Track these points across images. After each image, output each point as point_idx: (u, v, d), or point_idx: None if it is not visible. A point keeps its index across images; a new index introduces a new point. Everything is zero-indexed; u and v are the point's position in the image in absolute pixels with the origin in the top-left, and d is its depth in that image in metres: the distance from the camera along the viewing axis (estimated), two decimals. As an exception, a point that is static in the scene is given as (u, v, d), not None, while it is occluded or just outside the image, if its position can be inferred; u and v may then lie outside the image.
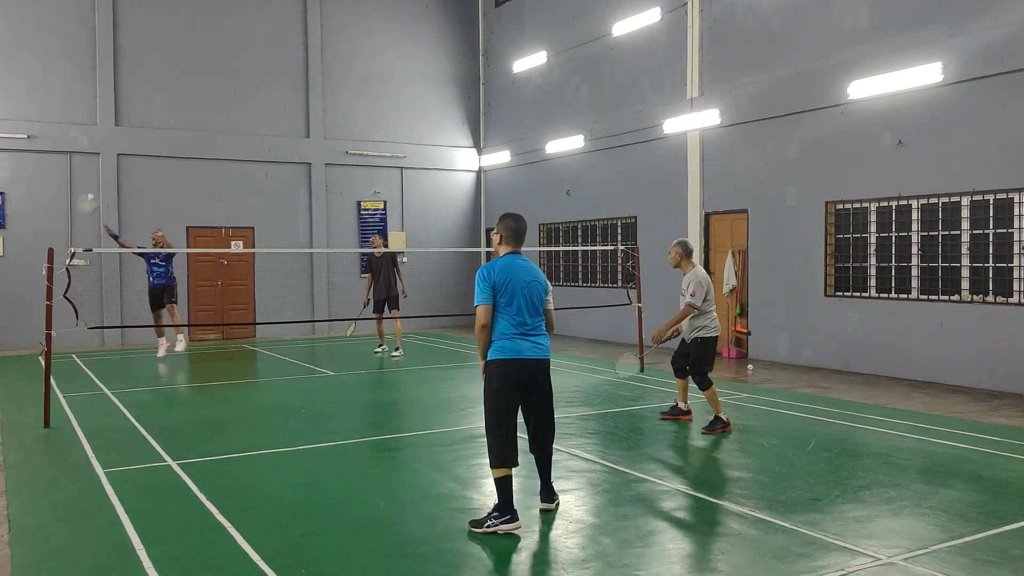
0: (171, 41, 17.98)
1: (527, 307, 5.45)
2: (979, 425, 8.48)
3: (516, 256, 5.58)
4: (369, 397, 11.12)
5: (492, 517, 5.32)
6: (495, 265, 5.47)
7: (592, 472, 6.80)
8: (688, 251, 8.58)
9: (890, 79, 11.41)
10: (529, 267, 5.56)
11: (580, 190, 18.07)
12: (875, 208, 12.01)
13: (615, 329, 16.75)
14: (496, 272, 5.42)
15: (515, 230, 5.62)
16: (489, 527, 5.28)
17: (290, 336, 18.89)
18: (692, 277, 8.36)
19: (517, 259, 5.55)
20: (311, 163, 19.37)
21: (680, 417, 8.89)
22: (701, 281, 8.28)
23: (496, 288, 5.40)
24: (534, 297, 5.49)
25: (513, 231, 5.61)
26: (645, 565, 4.77)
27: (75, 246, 15.41)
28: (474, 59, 21.62)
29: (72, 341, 15.24)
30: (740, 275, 14.12)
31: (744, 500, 5.94)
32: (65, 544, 5.22)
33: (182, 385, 12.13)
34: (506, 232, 5.62)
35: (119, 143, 17.41)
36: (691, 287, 8.25)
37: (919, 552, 4.89)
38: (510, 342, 5.39)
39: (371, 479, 6.84)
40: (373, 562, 4.87)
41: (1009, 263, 10.46)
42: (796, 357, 13.13)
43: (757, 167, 13.78)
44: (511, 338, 5.40)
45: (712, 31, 14.53)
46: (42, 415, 8.95)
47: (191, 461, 7.24)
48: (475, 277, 5.48)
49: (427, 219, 20.91)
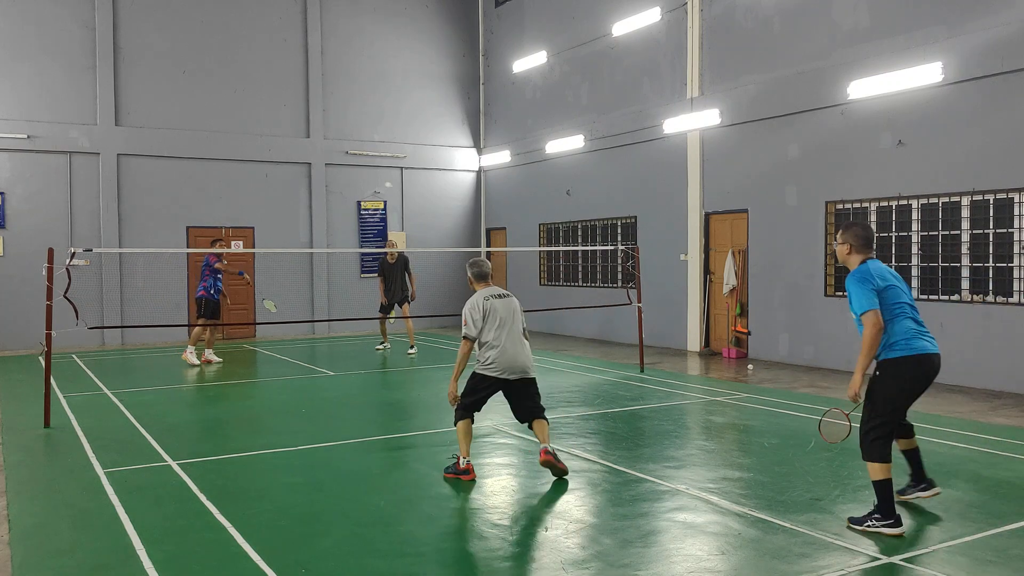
0: (171, 41, 17.98)
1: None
2: (979, 425, 8.48)
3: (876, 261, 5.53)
4: (369, 397, 11.12)
5: (873, 518, 5.24)
6: (868, 270, 5.37)
7: (592, 472, 6.80)
8: (475, 275, 6.97)
9: (890, 79, 11.41)
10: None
11: (580, 190, 18.07)
12: (875, 208, 12.01)
13: (615, 329, 16.75)
14: (874, 276, 5.33)
15: (866, 237, 5.53)
16: (870, 527, 5.21)
17: (290, 336, 18.89)
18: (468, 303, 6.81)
19: (878, 263, 5.51)
20: (311, 163, 19.37)
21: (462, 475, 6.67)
22: (473, 307, 6.70)
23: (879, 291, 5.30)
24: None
25: (864, 239, 5.52)
26: (645, 565, 4.77)
27: (75, 246, 15.42)
28: (474, 59, 21.62)
29: (72, 341, 15.24)
30: (740, 275, 14.12)
31: (744, 500, 5.94)
32: (65, 544, 5.22)
33: (182, 385, 12.13)
34: (855, 241, 5.52)
35: (119, 143, 17.41)
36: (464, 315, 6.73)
37: (919, 552, 4.90)
38: (918, 340, 5.29)
39: (371, 479, 6.84)
40: (373, 562, 4.87)
41: (1009, 263, 10.46)
42: (796, 357, 13.13)
43: (757, 167, 13.78)
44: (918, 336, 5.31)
45: (712, 31, 14.53)
46: (42, 415, 8.95)
47: (191, 461, 7.24)
48: (849, 283, 5.36)
49: (427, 219, 20.91)
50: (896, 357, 5.23)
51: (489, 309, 6.63)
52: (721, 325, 14.71)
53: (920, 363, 5.24)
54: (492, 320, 6.60)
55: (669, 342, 15.62)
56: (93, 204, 17.23)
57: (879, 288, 5.27)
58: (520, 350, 6.62)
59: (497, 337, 6.56)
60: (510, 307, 6.73)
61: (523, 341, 6.69)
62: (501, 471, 6.98)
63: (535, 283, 19.76)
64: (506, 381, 6.63)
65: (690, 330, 15.21)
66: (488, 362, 6.59)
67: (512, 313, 6.70)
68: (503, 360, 6.55)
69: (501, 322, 6.60)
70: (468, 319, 6.62)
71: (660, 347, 15.53)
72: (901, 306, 5.31)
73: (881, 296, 5.27)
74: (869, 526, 5.22)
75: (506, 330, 6.59)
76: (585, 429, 8.50)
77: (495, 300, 6.70)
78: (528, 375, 6.69)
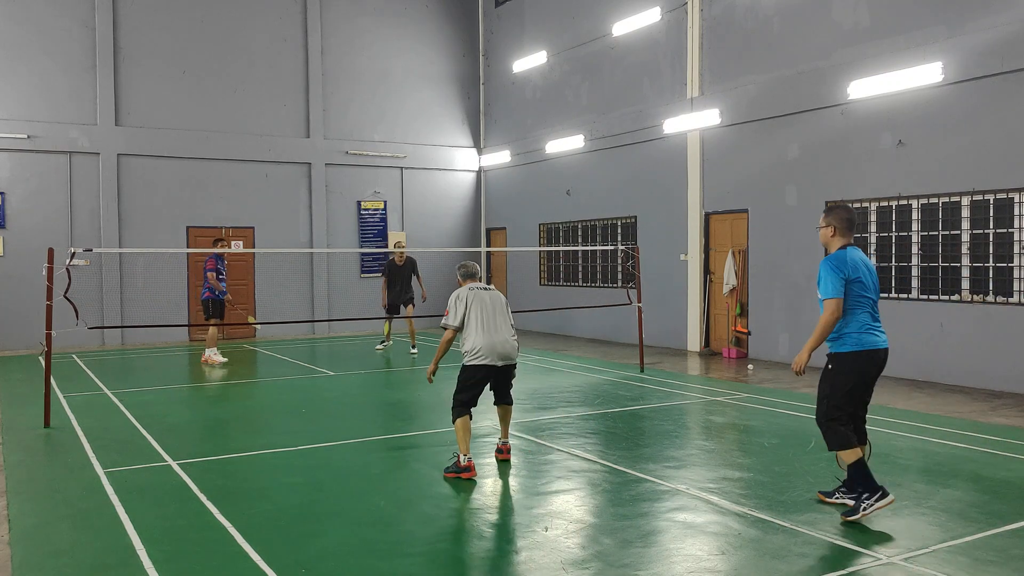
0: (171, 41, 17.98)
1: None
2: (979, 425, 8.48)
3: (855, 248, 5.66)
4: (369, 397, 11.12)
5: (864, 500, 5.35)
6: (845, 258, 5.51)
7: (592, 472, 6.80)
8: (463, 275, 7.29)
9: (890, 79, 11.41)
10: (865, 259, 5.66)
11: (580, 190, 18.07)
12: (875, 208, 12.01)
13: (615, 329, 16.75)
14: (848, 265, 5.47)
15: (850, 220, 5.64)
16: (866, 511, 5.32)
17: (290, 336, 18.89)
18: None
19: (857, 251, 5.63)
20: (311, 163, 19.37)
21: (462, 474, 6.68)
22: (457, 297, 6.98)
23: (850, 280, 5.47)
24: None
25: (848, 221, 5.63)
26: (645, 565, 4.77)
27: (75, 246, 15.41)
28: (474, 59, 21.62)
29: (72, 341, 15.24)
30: (740, 275, 14.12)
31: (744, 500, 5.94)
32: (65, 544, 5.22)
33: (182, 385, 12.13)
34: (840, 224, 5.63)
35: (119, 143, 17.41)
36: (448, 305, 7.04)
37: (919, 552, 4.89)
38: (869, 335, 5.54)
39: (371, 479, 6.84)
40: (373, 562, 4.87)
41: (1009, 263, 10.46)
42: (796, 357, 13.11)
43: (757, 167, 13.78)
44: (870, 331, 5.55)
45: (712, 31, 14.53)
46: (42, 415, 8.95)
47: (191, 461, 7.25)
48: (823, 266, 5.52)
49: (427, 219, 20.91)
50: (845, 352, 5.54)
51: (473, 298, 6.90)
52: (721, 325, 14.71)
53: (868, 358, 5.55)
54: (476, 307, 6.85)
55: (669, 342, 15.61)
56: (93, 204, 17.22)
57: (849, 278, 5.47)
58: (505, 337, 6.82)
59: (480, 323, 6.78)
60: (495, 297, 7.00)
61: (508, 328, 6.90)
62: (501, 471, 6.98)
63: (535, 283, 19.76)
64: (495, 368, 6.80)
65: (690, 330, 15.21)
66: (475, 351, 6.76)
67: (496, 302, 6.96)
68: (487, 345, 6.73)
69: (483, 309, 6.84)
70: (451, 308, 6.91)
71: (660, 347, 15.53)
72: (863, 300, 5.53)
73: (848, 286, 5.47)
74: (865, 511, 5.33)
75: (490, 317, 6.83)
76: (585, 429, 8.50)
77: (480, 291, 6.99)
78: (512, 361, 6.92)
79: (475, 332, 6.78)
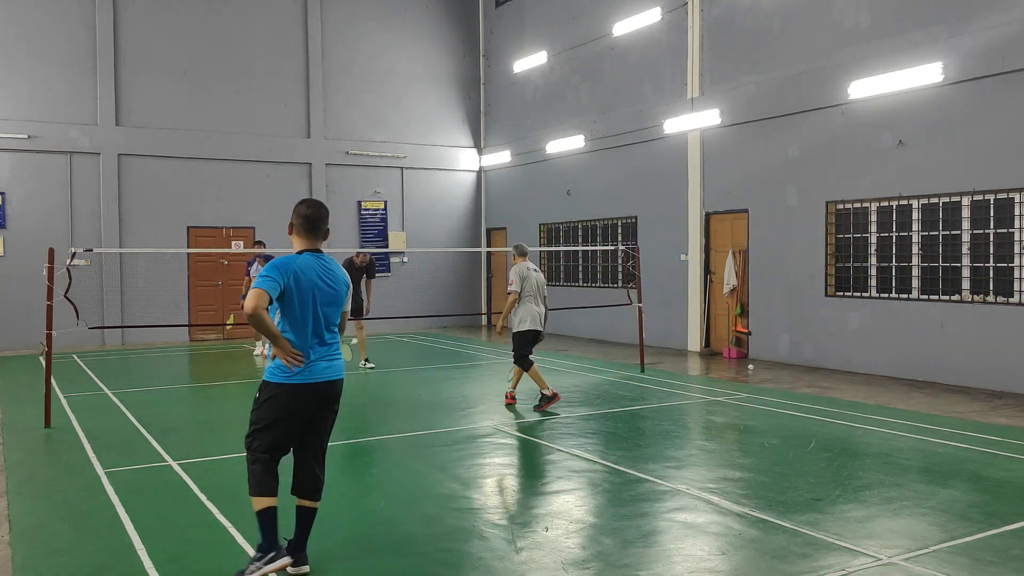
0: (171, 41, 17.98)
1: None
2: (979, 425, 8.47)
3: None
4: (369, 397, 11.11)
5: (255, 560, 4.38)
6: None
7: (592, 472, 6.80)
8: (518, 251, 9.82)
9: (890, 79, 11.40)
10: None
11: (580, 190, 18.07)
12: (875, 208, 12.00)
13: (615, 329, 16.75)
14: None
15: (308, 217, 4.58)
16: (253, 571, 4.33)
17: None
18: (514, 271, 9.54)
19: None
20: (311, 163, 19.37)
21: (552, 402, 9.42)
22: (519, 272, 9.47)
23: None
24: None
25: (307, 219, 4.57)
26: (645, 565, 4.77)
27: (75, 246, 15.41)
28: (474, 59, 21.61)
29: (72, 341, 15.23)
30: (740, 275, 14.11)
31: (744, 500, 5.93)
32: (65, 544, 5.22)
33: (182, 385, 12.12)
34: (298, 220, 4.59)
35: (119, 143, 17.41)
36: (510, 277, 9.51)
37: (919, 552, 4.89)
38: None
39: (371, 479, 6.84)
40: (373, 562, 4.87)
41: (1009, 263, 10.45)
42: (796, 357, 13.13)
43: (757, 167, 13.77)
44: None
45: (712, 31, 14.53)
46: (42, 415, 8.95)
47: (191, 461, 7.24)
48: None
49: (427, 219, 20.91)
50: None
51: (527, 275, 9.44)
52: (721, 325, 14.71)
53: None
54: (529, 284, 9.42)
55: (669, 342, 15.61)
56: (93, 204, 17.23)
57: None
58: (542, 310, 9.53)
59: (529, 296, 9.39)
60: (539, 279, 9.59)
61: (542, 303, 9.55)
62: (501, 471, 6.98)
63: (535, 283, 19.74)
64: (535, 332, 9.43)
65: (690, 330, 15.21)
66: (520, 320, 9.32)
67: (540, 282, 9.58)
68: (530, 316, 9.35)
69: (531, 287, 9.43)
70: (515, 279, 9.36)
71: (660, 347, 15.53)
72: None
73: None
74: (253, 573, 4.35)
75: (535, 294, 9.46)
76: (585, 429, 8.50)
77: (532, 272, 9.52)
78: (542, 326, 9.52)
79: (523, 303, 9.37)
